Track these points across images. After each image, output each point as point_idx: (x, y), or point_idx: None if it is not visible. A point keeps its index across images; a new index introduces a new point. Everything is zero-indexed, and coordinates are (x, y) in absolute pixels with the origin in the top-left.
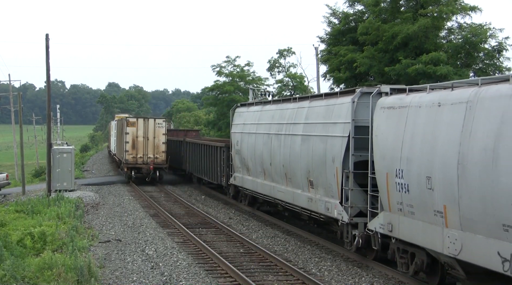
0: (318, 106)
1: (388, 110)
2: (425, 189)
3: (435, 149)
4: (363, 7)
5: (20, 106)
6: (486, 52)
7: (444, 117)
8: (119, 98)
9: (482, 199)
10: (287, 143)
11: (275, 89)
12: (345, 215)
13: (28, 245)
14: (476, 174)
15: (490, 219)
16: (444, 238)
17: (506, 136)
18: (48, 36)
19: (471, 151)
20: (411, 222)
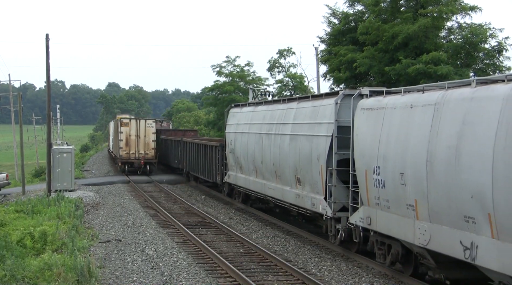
0: (305, 107)
1: (367, 112)
2: (399, 185)
3: (408, 147)
4: (363, 7)
5: (20, 106)
6: (486, 52)
7: (415, 118)
8: (119, 98)
9: (447, 193)
10: (277, 142)
11: (275, 89)
12: (329, 210)
13: (28, 245)
14: (441, 170)
15: (454, 211)
16: (415, 229)
17: (467, 136)
18: (48, 36)
19: (437, 149)
20: (387, 215)
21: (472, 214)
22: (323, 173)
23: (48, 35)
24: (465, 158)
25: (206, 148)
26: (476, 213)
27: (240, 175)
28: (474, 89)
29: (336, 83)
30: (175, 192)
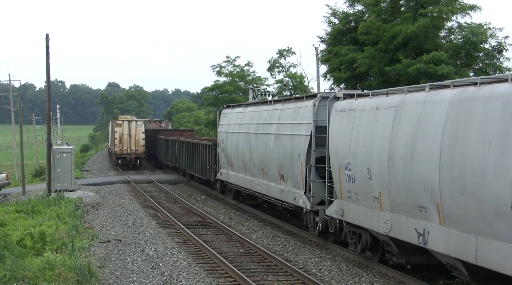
0: (288, 108)
1: (341, 113)
2: (366, 179)
3: (373, 145)
4: (363, 7)
5: (20, 106)
6: (486, 52)
7: (380, 119)
8: (119, 98)
9: (404, 186)
10: (263, 141)
11: (275, 89)
12: (308, 203)
13: (28, 245)
14: (400, 166)
15: (410, 202)
16: (379, 219)
17: (420, 135)
18: (48, 36)
19: (397, 147)
20: (357, 207)
21: (424, 204)
22: (303, 169)
23: (48, 35)
24: (419, 155)
25: (200, 147)
26: (428, 203)
27: (231, 172)
28: (427, 94)
29: (336, 83)
30: (175, 192)
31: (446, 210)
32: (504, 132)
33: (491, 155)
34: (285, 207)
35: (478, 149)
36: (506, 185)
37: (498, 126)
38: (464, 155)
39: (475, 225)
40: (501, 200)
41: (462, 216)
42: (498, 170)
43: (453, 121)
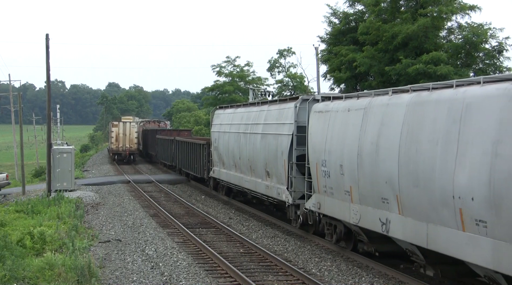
0: (274, 109)
1: (318, 114)
2: (339, 174)
3: (345, 143)
4: (363, 7)
5: (20, 106)
6: (486, 52)
7: (351, 120)
8: (119, 99)
9: (370, 180)
10: (251, 140)
11: (275, 89)
12: (290, 198)
13: (28, 245)
14: (367, 162)
15: (375, 194)
16: (350, 211)
17: (383, 134)
18: (48, 36)
19: (365, 145)
20: (332, 200)
21: (386, 196)
22: (286, 166)
23: (48, 35)
24: (382, 152)
25: (194, 146)
26: (389, 195)
27: (223, 170)
28: (390, 97)
29: (336, 83)
30: (175, 192)
31: (403, 200)
32: (448, 133)
33: (438, 152)
34: (270, 202)
35: (429, 147)
36: (449, 177)
37: (443, 127)
38: (418, 151)
39: (426, 213)
40: (445, 191)
41: (416, 205)
42: (443, 165)
43: (409, 122)
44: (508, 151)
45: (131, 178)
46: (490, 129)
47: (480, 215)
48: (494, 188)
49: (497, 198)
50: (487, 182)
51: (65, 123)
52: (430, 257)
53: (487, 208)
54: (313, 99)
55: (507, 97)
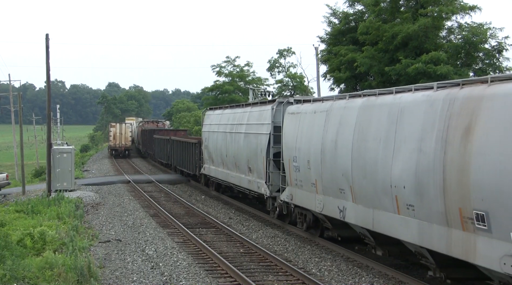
0: (255, 111)
1: (291, 115)
2: (307, 169)
3: (311, 141)
4: (363, 7)
5: (20, 106)
6: (486, 52)
7: (316, 120)
8: (119, 99)
9: (331, 173)
10: (236, 139)
11: (275, 89)
12: (268, 191)
13: (28, 245)
14: (328, 157)
15: (334, 186)
16: (316, 201)
17: (340, 133)
18: (48, 36)
19: (326, 142)
20: (301, 192)
21: (343, 186)
22: (264, 162)
23: (48, 35)
24: (339, 149)
25: (188, 145)
26: (345, 186)
27: (212, 167)
28: (347, 101)
29: (336, 83)
30: (175, 192)
31: (355, 190)
32: (388, 132)
33: (380, 149)
34: (252, 195)
35: (374, 144)
36: (388, 170)
37: (385, 128)
38: (366, 148)
39: (372, 200)
40: (385, 181)
41: (364, 194)
42: (383, 159)
43: (360, 123)
44: (428, 147)
45: (131, 178)
46: (417, 129)
47: (409, 201)
48: (418, 178)
49: (420, 186)
50: (414, 173)
51: (65, 123)
52: (378, 239)
53: (414, 194)
54: (288, 102)
55: (429, 103)
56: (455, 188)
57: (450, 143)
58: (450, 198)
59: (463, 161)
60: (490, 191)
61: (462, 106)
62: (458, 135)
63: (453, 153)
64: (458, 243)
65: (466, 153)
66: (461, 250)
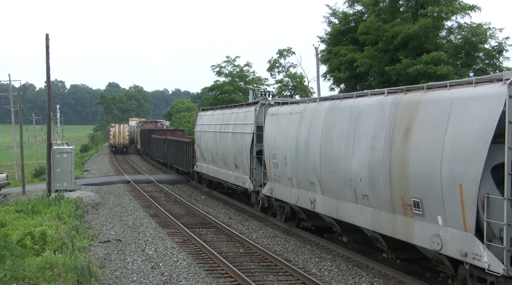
0: (241, 112)
1: (271, 116)
2: (284, 165)
3: (288, 140)
4: (363, 7)
5: (20, 106)
6: (486, 52)
7: (292, 121)
8: (119, 99)
9: (303, 169)
10: (225, 138)
11: (275, 89)
12: (251, 185)
13: (28, 245)
14: (301, 154)
15: (306, 180)
16: (292, 194)
17: (311, 132)
18: (48, 36)
19: (300, 141)
20: (280, 186)
21: (313, 180)
22: (248, 159)
23: (48, 35)
24: (310, 146)
25: (181, 144)
26: (315, 180)
27: (204, 165)
28: (317, 104)
29: (336, 83)
30: (175, 192)
31: (323, 183)
32: (349, 132)
33: (342, 146)
34: (239, 190)
35: (337, 142)
36: (348, 165)
37: (346, 128)
38: (331, 146)
39: (336, 192)
40: (346, 175)
41: (330, 187)
42: (345, 156)
43: (327, 124)
44: (379, 145)
45: (131, 178)
46: (370, 129)
47: (365, 191)
48: (371, 171)
49: (373, 179)
50: (368, 168)
51: (65, 123)
52: (343, 226)
53: (368, 186)
54: (269, 104)
55: (380, 106)
56: (398, 180)
57: (395, 141)
58: (395, 188)
59: (404, 156)
60: (423, 181)
61: (404, 110)
62: (401, 135)
63: (397, 150)
64: (401, 227)
65: (406, 150)
66: (403, 232)
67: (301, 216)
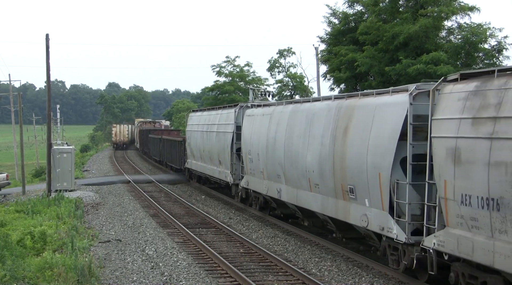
0: (224, 113)
1: (248, 117)
2: (257, 160)
3: (260, 138)
4: (363, 7)
5: (20, 106)
6: (486, 52)
7: (263, 122)
8: (119, 98)
9: (272, 163)
10: (210, 136)
11: (275, 89)
12: (232, 179)
13: (28, 245)
14: (270, 150)
15: (274, 173)
16: (263, 185)
17: (278, 131)
18: (48, 36)
19: (269, 139)
20: (254, 179)
21: (279, 173)
22: (229, 156)
23: (48, 35)
24: (277, 143)
25: (174, 143)
26: (280, 173)
27: (193, 161)
28: (283, 107)
29: (336, 83)
30: (175, 192)
31: (287, 175)
32: (305, 131)
33: (300, 143)
34: (222, 183)
35: (297, 140)
36: (304, 159)
37: (303, 127)
38: (292, 143)
39: (296, 182)
40: (303, 168)
41: (292, 178)
42: (302, 151)
43: (290, 124)
44: (326, 142)
45: (131, 178)
46: (321, 128)
47: (316, 181)
48: (321, 164)
49: (322, 170)
50: (318, 161)
51: (65, 123)
52: (303, 212)
53: (319, 176)
54: (246, 106)
55: (328, 109)
56: (339, 170)
57: (337, 139)
58: (337, 178)
59: (343, 151)
60: (355, 171)
61: (344, 113)
62: (341, 133)
63: (338, 146)
64: (341, 209)
65: (344, 146)
66: (343, 214)
67: (272, 205)
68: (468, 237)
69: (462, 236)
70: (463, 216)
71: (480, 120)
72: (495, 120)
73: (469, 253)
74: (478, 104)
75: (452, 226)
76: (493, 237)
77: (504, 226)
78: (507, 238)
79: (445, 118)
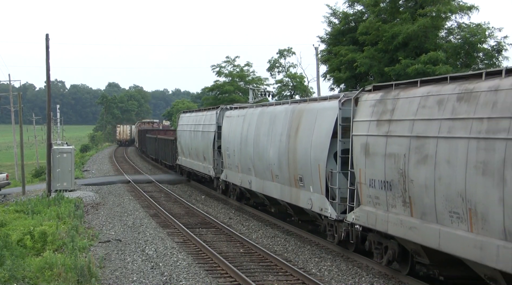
0: (208, 114)
1: (227, 118)
2: (233, 156)
3: (236, 136)
4: (363, 7)
5: (20, 106)
6: (485, 52)
7: (239, 122)
8: (119, 98)
9: (244, 158)
10: (197, 135)
11: (275, 89)
12: (213, 173)
13: (28, 245)
14: (243, 147)
15: (246, 166)
16: (238, 177)
17: (249, 130)
18: (48, 36)
19: (242, 137)
20: (232, 172)
21: (250, 166)
22: (212, 152)
23: (48, 35)
24: (248, 141)
25: (167, 141)
26: (250, 166)
27: (183, 158)
28: (254, 109)
29: (336, 83)
30: (175, 192)
31: (255, 168)
32: (269, 130)
33: (265, 140)
34: (207, 177)
35: (263, 138)
36: (268, 154)
37: (268, 127)
38: (259, 141)
39: (262, 174)
40: (267, 162)
41: (260, 170)
42: (266, 147)
43: (258, 124)
44: (283, 139)
45: (131, 178)
46: (280, 128)
47: (276, 172)
48: (279, 158)
49: (280, 163)
50: (277, 156)
51: (65, 123)
52: (270, 200)
53: (278, 168)
54: (226, 108)
55: (285, 112)
56: (292, 163)
57: (291, 136)
58: (291, 169)
59: (295, 147)
60: (303, 163)
61: (296, 115)
62: (294, 132)
63: (292, 142)
64: (294, 195)
65: (296, 142)
66: (295, 199)
67: (246, 195)
68: (373, 212)
69: (370, 211)
70: (371, 195)
71: (381, 122)
72: (390, 122)
73: (373, 224)
74: (381, 110)
75: (364, 204)
76: (388, 211)
77: (394, 201)
78: (396, 210)
79: (361, 120)
